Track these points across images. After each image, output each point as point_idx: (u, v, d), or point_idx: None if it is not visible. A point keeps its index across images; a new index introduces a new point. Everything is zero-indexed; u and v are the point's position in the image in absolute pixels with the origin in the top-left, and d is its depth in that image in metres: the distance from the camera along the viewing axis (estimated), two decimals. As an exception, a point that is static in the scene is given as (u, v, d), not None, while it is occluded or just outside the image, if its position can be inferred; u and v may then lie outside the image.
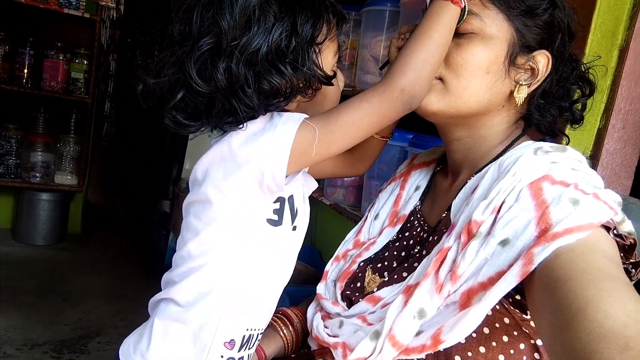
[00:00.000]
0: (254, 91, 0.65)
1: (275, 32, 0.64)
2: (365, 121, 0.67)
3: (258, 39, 0.63)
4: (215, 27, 0.63)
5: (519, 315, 0.63)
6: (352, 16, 1.82)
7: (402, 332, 0.63)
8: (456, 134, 0.77)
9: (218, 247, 0.67)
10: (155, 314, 0.71)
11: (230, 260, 0.68)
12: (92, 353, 2.22)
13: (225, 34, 0.63)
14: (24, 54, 3.17)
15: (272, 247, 0.70)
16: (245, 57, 0.64)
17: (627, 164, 1.13)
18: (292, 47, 0.65)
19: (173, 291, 0.69)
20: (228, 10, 0.63)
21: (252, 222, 0.68)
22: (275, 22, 0.64)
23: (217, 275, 0.68)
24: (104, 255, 3.44)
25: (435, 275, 0.64)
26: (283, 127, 0.65)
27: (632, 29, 1.04)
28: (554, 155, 0.66)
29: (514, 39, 0.71)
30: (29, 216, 3.34)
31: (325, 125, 0.66)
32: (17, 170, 3.30)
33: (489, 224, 0.62)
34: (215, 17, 0.64)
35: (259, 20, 0.64)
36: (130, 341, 0.72)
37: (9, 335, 2.25)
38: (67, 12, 3.16)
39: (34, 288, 2.74)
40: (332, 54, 0.73)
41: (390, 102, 0.67)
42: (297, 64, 0.66)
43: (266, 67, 0.64)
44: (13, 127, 3.27)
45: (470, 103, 0.72)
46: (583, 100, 0.79)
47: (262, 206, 0.68)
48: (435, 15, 0.68)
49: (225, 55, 0.63)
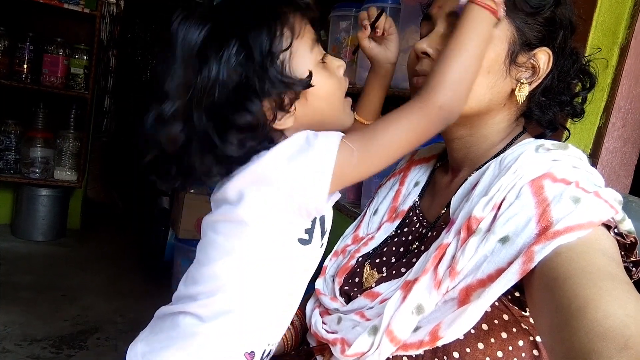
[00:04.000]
0: (227, 140, 0.62)
1: (224, 69, 0.61)
2: (404, 139, 0.65)
3: (209, 83, 0.61)
4: (166, 86, 0.62)
5: (518, 312, 0.63)
6: (352, 13, 1.82)
7: (400, 328, 0.63)
8: (457, 133, 0.77)
9: (248, 267, 0.65)
10: (170, 326, 0.68)
11: (258, 279, 0.66)
12: (91, 349, 2.22)
13: (175, 93, 0.61)
14: (23, 49, 3.17)
15: (299, 265, 0.69)
16: (204, 108, 0.61)
17: (626, 162, 1.13)
18: (252, 73, 0.61)
19: (193, 307, 0.66)
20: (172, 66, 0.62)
21: (285, 242, 0.66)
22: (222, 55, 0.61)
23: (244, 293, 0.66)
24: (103, 251, 3.44)
25: (434, 271, 0.64)
26: (322, 150, 0.62)
27: (633, 27, 1.04)
28: (556, 153, 0.66)
29: (515, 38, 0.70)
30: (28, 212, 3.34)
31: (363, 144, 0.63)
32: (17, 165, 3.31)
33: (489, 220, 0.62)
34: (163, 77, 0.62)
35: (203, 62, 0.61)
36: (139, 350, 0.70)
37: (8, 331, 2.25)
38: (67, 7, 3.16)
39: (33, 283, 2.74)
40: (307, 51, 0.67)
41: (429, 119, 0.65)
42: (265, 87, 0.62)
43: (231, 110, 0.61)
44: (12, 123, 3.28)
45: (471, 103, 0.71)
46: (584, 94, 0.78)
47: (296, 226, 0.66)
48: (472, 25, 0.65)
49: (180, 114, 0.62)
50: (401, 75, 1.55)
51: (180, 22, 0.62)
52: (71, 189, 3.53)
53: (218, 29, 0.62)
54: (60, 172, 3.38)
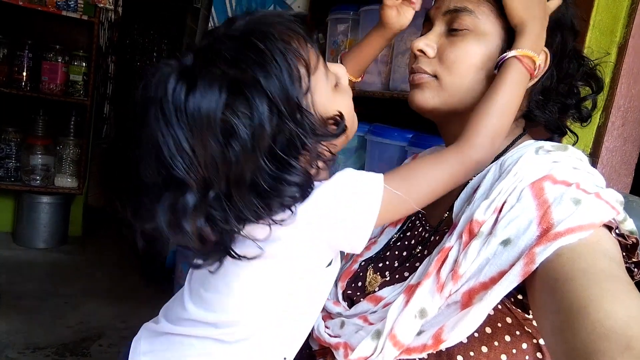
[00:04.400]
0: (272, 209, 0.55)
1: (260, 133, 0.51)
2: (440, 185, 0.65)
3: (245, 154, 0.51)
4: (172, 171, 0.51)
5: (521, 315, 0.63)
6: (350, 16, 1.82)
7: (403, 332, 0.63)
8: (456, 131, 0.77)
9: (273, 297, 0.63)
10: (183, 346, 0.66)
11: (281, 306, 0.65)
12: (94, 355, 2.22)
13: (197, 176, 0.51)
14: (22, 56, 3.18)
15: (320, 286, 0.68)
16: (247, 186, 0.53)
17: (627, 161, 1.13)
18: (288, 131, 0.54)
19: (215, 333, 0.64)
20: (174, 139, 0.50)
21: (312, 271, 0.64)
22: (252, 117, 0.51)
23: (266, 320, 0.65)
24: (105, 257, 3.44)
25: (437, 275, 0.64)
26: (367, 199, 0.59)
27: (630, 26, 1.04)
28: (555, 155, 0.66)
29: (508, 36, 0.71)
30: (29, 219, 3.34)
31: (403, 188, 0.62)
32: (17, 173, 3.31)
33: (490, 223, 0.62)
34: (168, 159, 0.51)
35: (231, 130, 0.51)
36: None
37: (11, 339, 2.25)
38: (65, 15, 3.17)
39: (35, 291, 2.74)
40: (323, 81, 0.61)
41: (465, 167, 0.65)
42: (301, 142, 0.55)
43: (274, 180, 0.54)
44: (12, 130, 3.28)
45: (465, 99, 0.72)
46: (592, 97, 0.79)
47: (325, 259, 0.64)
48: (511, 81, 0.67)
49: (206, 202, 0.52)
50: (400, 77, 1.55)
51: (185, 85, 0.51)
52: (72, 195, 3.53)
53: (235, 86, 0.52)
54: (60, 179, 3.39)
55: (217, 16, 2.48)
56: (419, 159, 0.67)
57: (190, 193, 0.52)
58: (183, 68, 0.53)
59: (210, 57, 0.54)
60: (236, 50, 0.54)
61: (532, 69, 0.68)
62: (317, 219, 0.58)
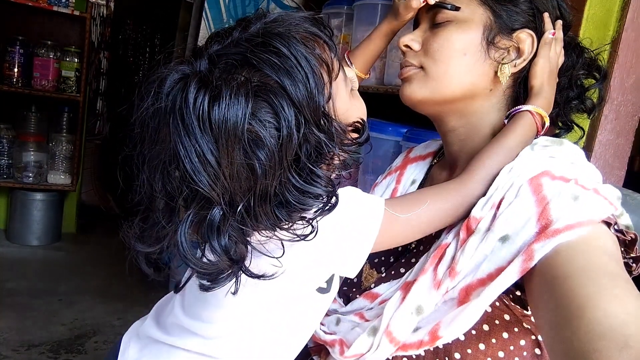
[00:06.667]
0: (292, 220, 0.53)
1: (289, 143, 0.49)
2: (442, 215, 0.65)
3: (275, 165, 0.49)
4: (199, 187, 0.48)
5: (519, 311, 0.63)
6: (344, 10, 1.81)
7: (400, 328, 0.63)
8: (449, 125, 0.77)
9: (264, 314, 0.63)
10: (171, 356, 0.66)
11: (273, 323, 0.64)
12: (89, 353, 2.22)
13: (221, 191, 0.48)
14: (13, 52, 3.14)
15: (314, 312, 0.67)
16: (276, 202, 0.51)
17: (620, 154, 1.13)
18: (309, 139, 0.51)
19: (205, 348, 0.63)
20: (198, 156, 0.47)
21: (304, 292, 0.63)
22: (279, 126, 0.49)
23: (255, 336, 0.64)
24: (99, 254, 3.43)
25: (434, 271, 0.64)
26: (367, 222, 0.58)
27: (623, 19, 1.04)
28: (552, 150, 0.66)
29: (491, 22, 0.71)
30: (22, 216, 3.32)
31: (403, 216, 0.61)
32: (10, 170, 3.29)
33: (488, 220, 0.62)
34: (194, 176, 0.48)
35: (258, 141, 0.48)
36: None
37: (5, 337, 2.24)
38: (57, 10, 3.14)
39: (29, 289, 2.73)
40: (343, 87, 0.60)
41: (464, 200, 0.65)
42: (327, 150, 0.53)
43: (302, 193, 0.52)
44: (4, 127, 3.26)
45: (452, 86, 0.72)
46: (596, 86, 0.79)
47: (320, 280, 0.64)
48: (519, 132, 0.68)
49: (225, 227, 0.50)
50: (394, 72, 1.55)
51: (209, 94, 0.48)
52: (65, 192, 3.51)
53: (261, 93, 0.49)
54: (54, 176, 3.36)
55: (210, 11, 2.46)
56: (418, 191, 0.67)
57: (216, 209, 0.49)
58: (201, 75, 0.50)
59: (231, 63, 0.51)
60: (258, 55, 0.50)
61: (541, 127, 0.70)
62: (316, 237, 0.55)
